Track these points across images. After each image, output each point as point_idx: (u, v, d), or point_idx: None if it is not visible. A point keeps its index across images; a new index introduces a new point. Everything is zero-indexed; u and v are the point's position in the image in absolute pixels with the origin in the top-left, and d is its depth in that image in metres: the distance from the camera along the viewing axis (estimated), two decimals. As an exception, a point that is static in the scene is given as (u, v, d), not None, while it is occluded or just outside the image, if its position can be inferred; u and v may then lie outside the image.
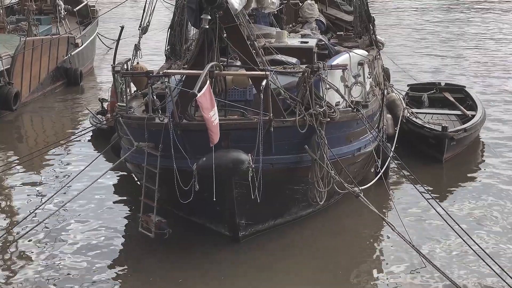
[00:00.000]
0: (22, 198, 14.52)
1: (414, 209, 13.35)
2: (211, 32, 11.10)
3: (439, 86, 19.46)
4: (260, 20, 17.11)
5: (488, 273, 10.84)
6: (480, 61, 26.68)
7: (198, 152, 11.02)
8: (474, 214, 13.31)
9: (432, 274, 10.96)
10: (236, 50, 11.58)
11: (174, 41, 16.30)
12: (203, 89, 10.03)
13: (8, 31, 23.28)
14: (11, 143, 18.68)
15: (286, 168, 11.81)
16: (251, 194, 11.05)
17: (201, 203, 11.38)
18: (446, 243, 12.08)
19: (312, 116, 11.52)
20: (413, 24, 34.87)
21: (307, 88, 11.65)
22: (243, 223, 11.88)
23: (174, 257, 11.74)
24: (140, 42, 14.23)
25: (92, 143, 17.49)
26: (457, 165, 15.96)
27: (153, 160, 11.67)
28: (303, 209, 12.69)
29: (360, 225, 13.17)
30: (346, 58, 13.39)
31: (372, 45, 16.68)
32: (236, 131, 11.18)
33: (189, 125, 11.28)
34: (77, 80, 24.06)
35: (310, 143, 11.68)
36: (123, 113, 12.28)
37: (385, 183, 13.76)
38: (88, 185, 12.12)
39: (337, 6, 20.47)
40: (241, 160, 11.00)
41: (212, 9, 10.91)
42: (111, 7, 31.16)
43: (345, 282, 11.32)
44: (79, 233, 12.75)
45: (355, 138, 12.84)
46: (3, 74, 20.00)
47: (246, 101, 12.06)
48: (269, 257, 11.81)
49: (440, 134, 15.57)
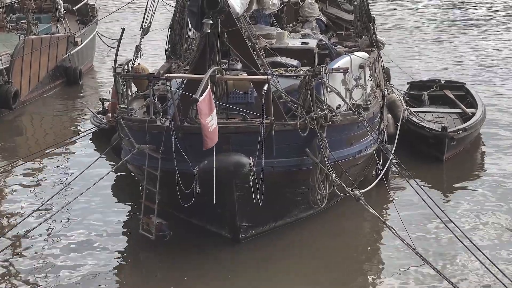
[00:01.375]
0: (22, 198, 14.51)
1: (415, 211, 13.34)
2: (213, 36, 11.10)
3: (439, 83, 19.41)
4: (261, 20, 17.12)
5: (489, 276, 10.85)
6: (480, 59, 26.65)
7: (199, 155, 11.02)
8: (476, 215, 13.30)
9: (433, 277, 10.98)
10: (237, 54, 11.58)
11: (174, 40, 16.28)
12: (203, 94, 10.05)
13: (7, 29, 23.23)
14: (10, 143, 18.64)
15: (287, 171, 11.83)
16: (252, 197, 11.08)
17: (202, 206, 11.40)
18: (447, 246, 12.08)
19: (313, 119, 11.54)
20: (413, 22, 34.82)
21: (308, 92, 11.66)
22: (244, 225, 11.91)
23: (175, 258, 11.77)
24: (141, 43, 14.19)
25: (93, 143, 17.47)
26: (458, 164, 15.96)
27: (154, 162, 11.68)
28: (304, 211, 12.72)
29: (360, 227, 13.21)
30: (347, 61, 13.39)
31: (373, 45, 16.68)
32: (237, 135, 11.21)
33: (190, 128, 11.29)
34: (76, 79, 23.97)
35: (311, 146, 11.70)
36: (124, 115, 12.28)
37: (386, 185, 13.78)
38: (89, 186, 12.13)
39: (338, 5, 20.44)
40: (242, 163, 11.04)
41: (213, 13, 10.90)
42: (111, 6, 31.16)
43: (345, 283, 11.36)
44: (80, 234, 12.75)
45: (356, 140, 12.86)
46: (3, 73, 19.92)
47: (247, 104, 12.06)
48: (269, 258, 11.85)
49: (440, 134, 15.57)
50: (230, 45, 11.42)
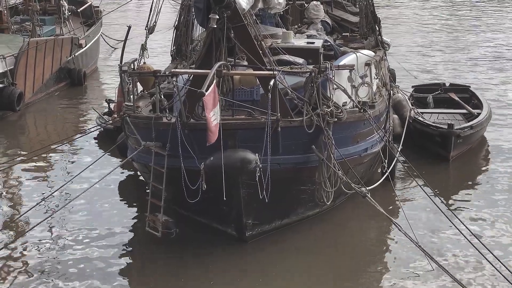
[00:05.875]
0: (27, 196, 14.52)
1: (420, 210, 13.33)
2: (219, 31, 11.09)
3: (444, 86, 19.42)
4: (266, 20, 17.13)
5: (498, 276, 10.77)
6: (486, 60, 26.64)
7: (205, 151, 11.00)
8: (483, 213, 13.28)
9: (439, 276, 10.94)
10: (243, 50, 11.57)
11: (180, 41, 16.29)
12: (209, 89, 10.04)
13: (12, 31, 23.26)
14: (15, 144, 18.63)
15: (293, 168, 11.81)
16: (258, 194, 11.05)
17: (208, 203, 11.38)
18: (453, 244, 12.05)
19: (320, 116, 11.53)
20: (418, 25, 34.86)
21: (315, 88, 11.65)
22: (250, 223, 11.88)
23: (181, 256, 11.76)
24: (146, 42, 14.19)
25: (98, 144, 17.47)
26: (464, 163, 15.95)
27: (160, 159, 11.66)
28: (310, 209, 12.68)
29: (366, 225, 13.18)
30: (353, 59, 13.39)
31: (378, 46, 16.68)
32: (243, 131, 11.19)
33: (196, 124, 11.27)
34: (80, 81, 24.02)
35: (317, 143, 11.69)
36: (130, 113, 12.27)
37: (391, 183, 13.76)
38: (94, 183, 12.15)
39: (343, 7, 20.47)
40: (248, 159, 11.02)
41: (220, 8, 10.90)
42: (115, 8, 31.17)
43: (350, 282, 11.31)
44: (85, 232, 12.74)
45: (362, 138, 12.84)
46: (7, 74, 19.95)
47: (253, 101, 12.04)
48: (274, 257, 11.82)
49: (447, 132, 15.52)
50: (236, 41, 11.41)
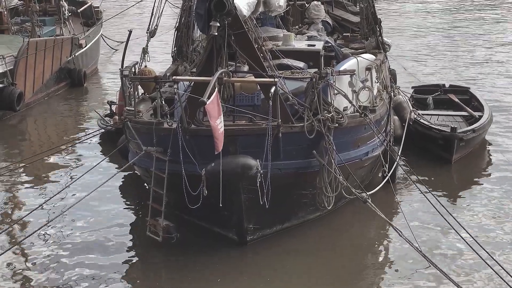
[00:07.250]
0: (28, 199, 14.53)
1: (421, 214, 13.32)
2: (220, 38, 11.10)
3: (443, 88, 19.40)
4: (267, 22, 17.13)
5: (498, 280, 10.79)
6: (485, 62, 26.64)
7: (206, 157, 11.03)
8: (484, 217, 13.27)
9: (440, 280, 10.94)
10: (244, 57, 11.58)
11: (180, 42, 16.29)
12: (211, 97, 10.05)
13: (12, 32, 23.25)
14: (15, 144, 18.64)
15: (294, 173, 11.83)
16: (259, 199, 11.08)
17: (209, 208, 11.40)
18: (453, 248, 12.06)
19: (320, 121, 11.55)
20: (418, 25, 34.86)
21: (315, 94, 11.66)
22: (251, 227, 11.91)
23: (181, 260, 11.77)
24: (147, 46, 14.19)
25: (99, 146, 17.47)
26: (466, 167, 15.93)
27: (161, 164, 11.68)
28: (311, 213, 12.71)
29: (367, 229, 13.20)
30: (354, 63, 13.39)
31: (379, 47, 16.68)
32: (244, 137, 11.21)
33: (197, 130, 11.30)
34: (81, 81, 24.03)
35: (318, 148, 11.71)
36: (131, 117, 12.28)
37: (392, 187, 13.77)
38: (95, 188, 12.14)
39: (343, 7, 20.50)
40: (249, 165, 11.05)
41: (221, 16, 10.91)
42: (115, 8, 31.15)
43: (349, 285, 11.35)
44: (85, 236, 12.75)
45: (363, 142, 12.85)
46: (7, 75, 19.95)
47: (254, 107, 12.05)
48: (275, 260, 11.83)
49: (449, 135, 15.51)
50: (237, 48, 11.43)
